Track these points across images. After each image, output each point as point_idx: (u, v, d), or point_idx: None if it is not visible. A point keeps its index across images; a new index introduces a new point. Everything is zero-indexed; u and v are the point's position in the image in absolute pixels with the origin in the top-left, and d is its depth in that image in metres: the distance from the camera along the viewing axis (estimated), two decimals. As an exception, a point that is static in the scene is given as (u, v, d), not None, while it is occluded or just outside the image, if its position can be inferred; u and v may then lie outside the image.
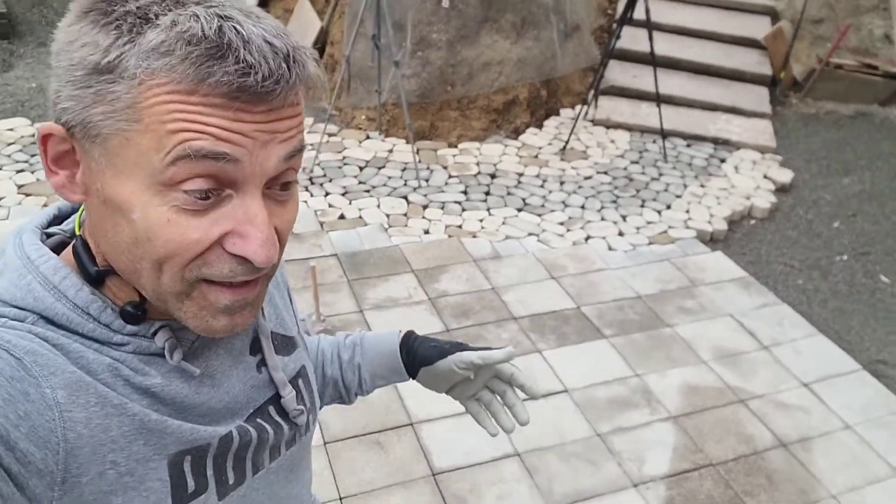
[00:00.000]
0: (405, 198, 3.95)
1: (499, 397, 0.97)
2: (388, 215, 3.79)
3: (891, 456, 2.64)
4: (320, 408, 0.93)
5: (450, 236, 3.68)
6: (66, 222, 0.69)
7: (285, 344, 0.80)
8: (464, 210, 3.91)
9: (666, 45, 5.17)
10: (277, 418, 0.75)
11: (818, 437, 2.70)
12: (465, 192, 4.06)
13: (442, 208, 3.90)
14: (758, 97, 5.26)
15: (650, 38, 4.23)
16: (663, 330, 3.15)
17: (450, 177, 4.19)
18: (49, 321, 0.59)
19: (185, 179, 0.54)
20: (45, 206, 3.53)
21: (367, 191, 3.99)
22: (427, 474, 2.41)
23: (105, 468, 0.58)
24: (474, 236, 3.70)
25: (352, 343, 1.02)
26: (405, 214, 3.82)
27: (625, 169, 4.42)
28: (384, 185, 4.06)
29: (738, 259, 3.73)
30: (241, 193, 0.56)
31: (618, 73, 5.14)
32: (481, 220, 3.83)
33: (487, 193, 4.08)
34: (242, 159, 0.54)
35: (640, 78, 5.04)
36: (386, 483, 2.37)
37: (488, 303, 3.24)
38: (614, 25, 4.79)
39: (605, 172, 4.37)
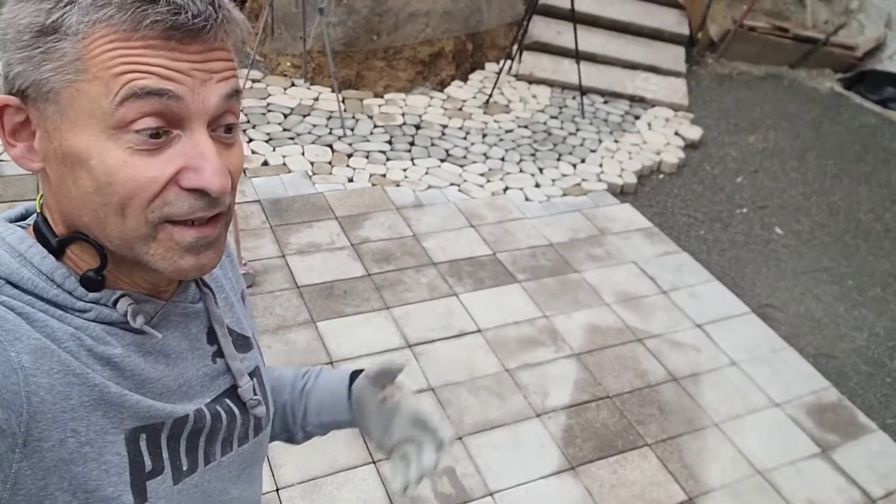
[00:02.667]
0: (330, 146, 4.01)
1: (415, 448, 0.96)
2: (312, 163, 3.85)
3: (770, 389, 2.92)
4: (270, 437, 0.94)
5: (374, 185, 3.77)
6: (31, 218, 0.72)
7: (241, 342, 0.82)
8: (388, 159, 3.99)
9: (588, 3, 5.30)
10: (234, 409, 0.78)
11: (706, 372, 2.95)
12: (389, 142, 4.14)
13: (367, 157, 3.98)
14: (675, 56, 5.47)
15: (571, -5, 4.35)
16: (571, 275, 3.35)
17: (375, 126, 4.26)
18: (15, 286, 0.62)
19: (135, 119, 0.58)
20: None
21: (292, 138, 4.02)
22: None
23: (66, 436, 0.59)
24: (398, 185, 3.80)
25: (309, 372, 1.04)
26: (330, 162, 3.89)
27: (544, 123, 4.57)
28: (309, 132, 4.09)
29: (645, 211, 3.96)
30: (188, 132, 0.60)
31: (542, 28, 5.25)
32: (405, 170, 3.93)
33: (412, 144, 4.17)
34: (184, 96, 0.59)
35: (564, 35, 5.16)
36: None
37: (409, 249, 3.36)
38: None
39: (526, 126, 4.51)
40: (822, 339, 3.26)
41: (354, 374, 1.00)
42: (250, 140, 3.95)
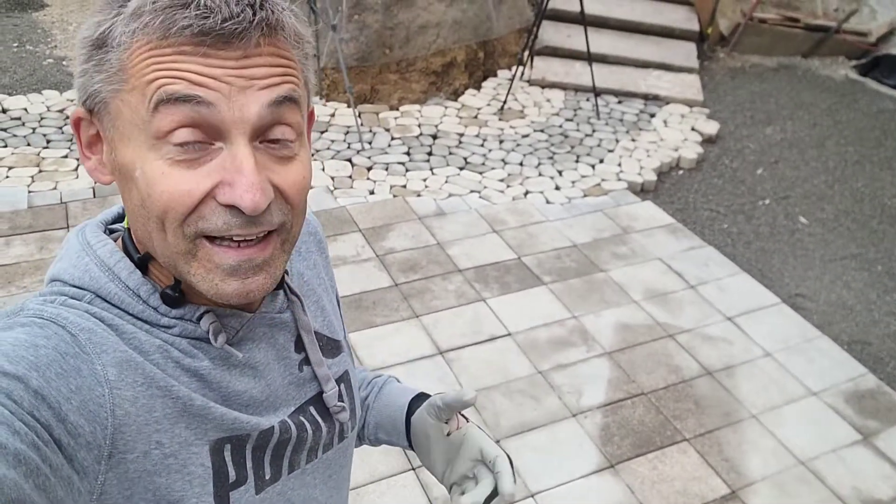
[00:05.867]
0: (349, 160, 4.04)
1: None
2: (333, 178, 3.88)
3: (806, 378, 2.89)
4: None
5: (395, 196, 3.79)
6: (124, 222, 0.72)
7: (330, 346, 0.81)
8: (407, 170, 4.02)
9: (597, 5, 5.33)
10: (318, 418, 0.77)
11: (740, 364, 2.93)
12: (408, 154, 4.16)
13: (386, 169, 4.00)
14: (686, 53, 5.46)
15: (580, -2, 4.37)
16: (597, 275, 3.35)
17: (392, 139, 4.29)
18: (103, 300, 0.63)
19: (171, 130, 0.57)
20: None
21: (311, 154, 4.05)
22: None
23: (150, 448, 0.60)
24: (419, 195, 3.82)
25: (374, 384, 1.00)
26: (350, 176, 3.92)
27: (560, 126, 4.58)
28: (328, 148, 4.13)
29: (667, 207, 3.95)
30: (229, 144, 0.58)
31: (552, 33, 5.27)
32: (425, 180, 3.95)
33: (430, 154, 4.19)
34: (217, 103, 0.56)
35: (574, 38, 5.18)
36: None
37: (434, 257, 3.38)
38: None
39: (542, 130, 4.52)
40: (856, 325, 3.23)
41: (414, 402, 0.93)
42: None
